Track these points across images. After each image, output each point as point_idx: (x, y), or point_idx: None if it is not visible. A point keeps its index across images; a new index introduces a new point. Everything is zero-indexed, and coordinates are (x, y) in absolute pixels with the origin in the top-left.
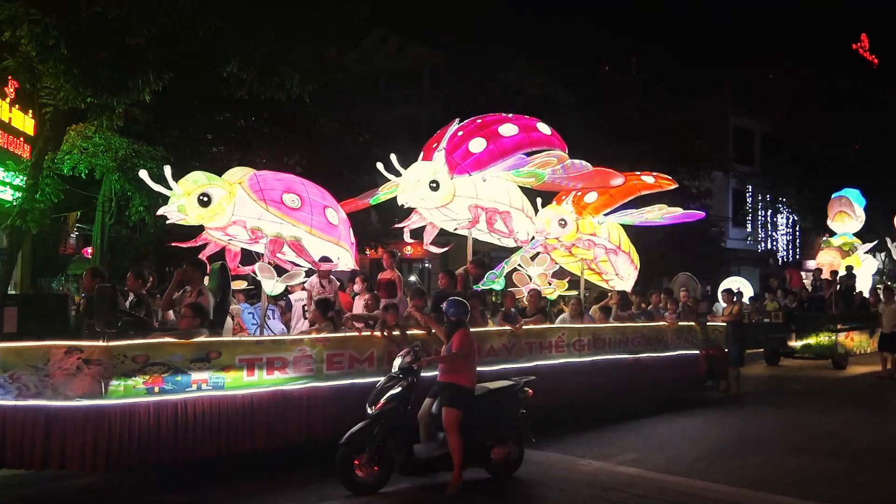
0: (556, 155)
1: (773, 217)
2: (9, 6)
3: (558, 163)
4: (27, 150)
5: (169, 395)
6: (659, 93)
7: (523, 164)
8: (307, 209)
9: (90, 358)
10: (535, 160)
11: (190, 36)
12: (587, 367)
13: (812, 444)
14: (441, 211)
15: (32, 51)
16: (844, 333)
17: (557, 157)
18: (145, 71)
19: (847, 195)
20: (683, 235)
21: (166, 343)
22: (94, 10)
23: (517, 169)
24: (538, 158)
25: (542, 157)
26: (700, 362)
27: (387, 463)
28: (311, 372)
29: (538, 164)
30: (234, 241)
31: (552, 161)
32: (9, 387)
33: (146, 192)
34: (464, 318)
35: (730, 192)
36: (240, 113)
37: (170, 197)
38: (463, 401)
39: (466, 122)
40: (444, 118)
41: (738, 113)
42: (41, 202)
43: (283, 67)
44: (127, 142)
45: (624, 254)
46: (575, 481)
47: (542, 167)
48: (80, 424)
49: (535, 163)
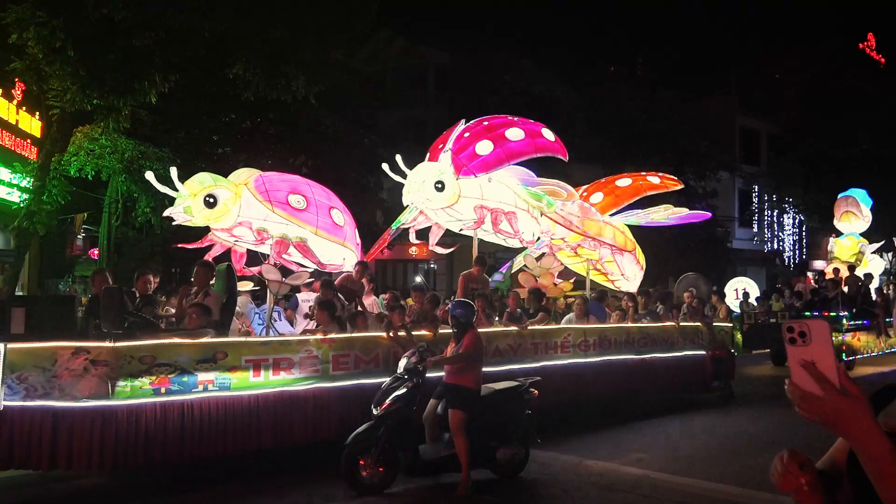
0: (565, 188)
1: (780, 217)
2: (16, 9)
3: (568, 197)
4: (34, 152)
5: (175, 396)
6: (665, 93)
7: (532, 183)
8: (313, 210)
9: (97, 359)
10: (545, 185)
11: (196, 38)
12: (593, 367)
13: (818, 444)
14: (446, 211)
15: (39, 53)
16: (851, 333)
17: (567, 190)
18: (151, 73)
19: (853, 195)
20: (689, 236)
21: (173, 344)
22: (100, 13)
23: (526, 185)
24: (548, 185)
25: (552, 185)
26: (706, 363)
27: (392, 464)
28: (317, 372)
29: (547, 191)
30: (239, 241)
31: (561, 193)
32: (16, 387)
33: (152, 193)
34: (471, 320)
35: (736, 192)
36: (246, 114)
37: (176, 198)
38: (468, 402)
39: (473, 124)
40: (449, 119)
41: (744, 113)
42: (48, 204)
43: (289, 69)
44: (133, 143)
45: (630, 254)
46: (581, 482)
47: (552, 195)
48: (87, 425)
49: (543, 186)
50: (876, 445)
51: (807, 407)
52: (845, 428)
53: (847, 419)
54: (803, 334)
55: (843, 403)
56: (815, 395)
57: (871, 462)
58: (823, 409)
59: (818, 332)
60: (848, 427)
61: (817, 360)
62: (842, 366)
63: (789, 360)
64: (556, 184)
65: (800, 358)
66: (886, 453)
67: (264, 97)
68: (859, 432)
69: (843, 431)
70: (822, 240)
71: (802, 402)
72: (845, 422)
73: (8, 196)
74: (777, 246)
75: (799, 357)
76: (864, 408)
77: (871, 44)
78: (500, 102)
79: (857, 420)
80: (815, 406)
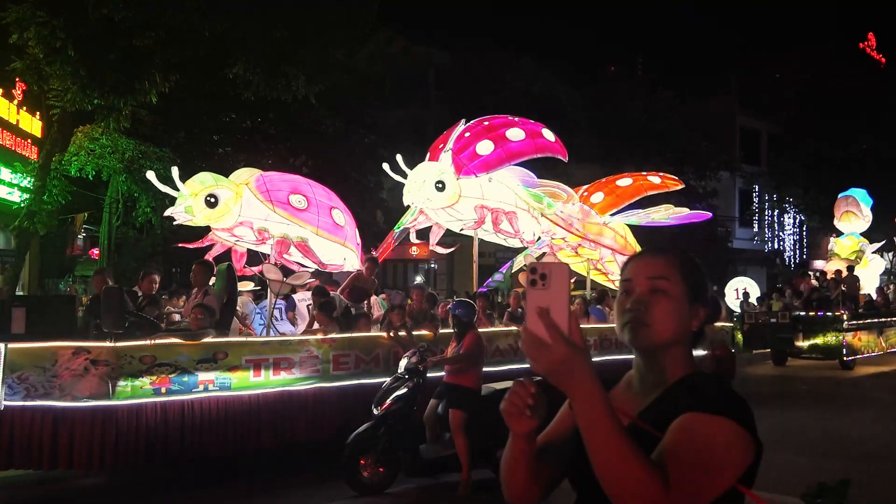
0: (565, 190)
1: (780, 217)
2: (16, 9)
3: (568, 199)
4: (35, 152)
5: (176, 396)
6: (665, 93)
7: (532, 184)
8: (313, 210)
9: (97, 358)
10: (545, 186)
11: (197, 38)
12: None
13: (819, 444)
14: (447, 211)
15: (40, 53)
16: (852, 333)
17: (567, 192)
18: (152, 73)
19: (854, 195)
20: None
21: (173, 344)
22: (101, 13)
23: (526, 187)
24: (548, 186)
25: (552, 187)
26: (706, 363)
27: (392, 463)
28: (318, 372)
29: (547, 192)
30: (240, 241)
31: (561, 195)
32: (17, 387)
33: (153, 193)
34: (472, 320)
35: (736, 192)
36: (246, 114)
37: (177, 198)
38: (469, 402)
39: (473, 123)
40: (449, 119)
41: (744, 113)
42: (49, 204)
43: (290, 69)
44: (134, 143)
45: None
46: None
47: (552, 197)
48: (87, 425)
49: (544, 188)
50: (593, 398)
51: (534, 354)
52: (567, 379)
53: (568, 370)
54: (544, 277)
55: (568, 354)
56: (544, 343)
57: (584, 416)
58: (549, 359)
59: (558, 276)
60: (570, 379)
61: (552, 306)
62: (574, 314)
63: (527, 305)
64: (557, 185)
65: (536, 303)
66: (600, 406)
67: (264, 97)
68: (579, 385)
69: (564, 382)
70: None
71: (530, 350)
72: (566, 373)
73: (8, 196)
74: (777, 246)
75: (536, 302)
76: (585, 360)
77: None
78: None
79: (577, 372)
80: (541, 354)
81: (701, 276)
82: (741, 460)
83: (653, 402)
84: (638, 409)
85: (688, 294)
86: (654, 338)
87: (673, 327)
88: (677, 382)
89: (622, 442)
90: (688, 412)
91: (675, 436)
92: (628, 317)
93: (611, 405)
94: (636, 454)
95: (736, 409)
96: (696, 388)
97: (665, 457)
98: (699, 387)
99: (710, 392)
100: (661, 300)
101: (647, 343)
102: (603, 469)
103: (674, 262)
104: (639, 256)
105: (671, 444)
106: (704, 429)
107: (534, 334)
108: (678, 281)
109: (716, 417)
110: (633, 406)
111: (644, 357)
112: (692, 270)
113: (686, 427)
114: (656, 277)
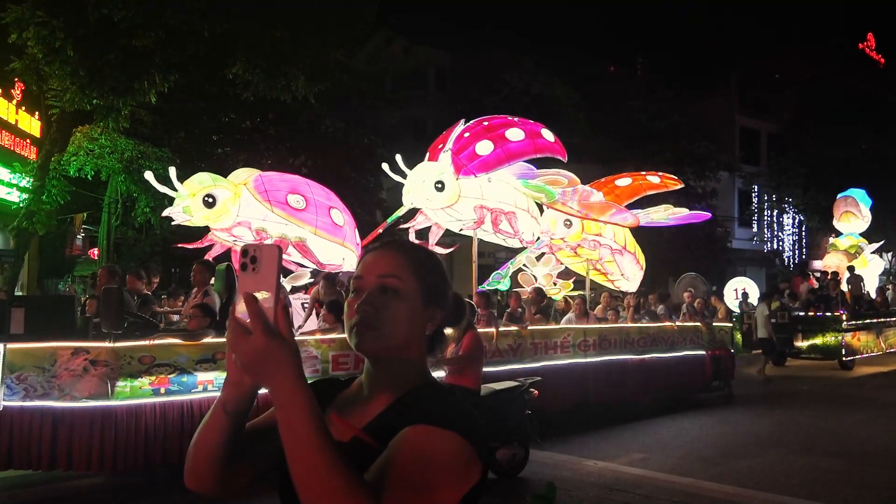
0: (566, 175)
1: (780, 217)
2: (16, 8)
3: (569, 184)
4: (34, 152)
5: (175, 396)
6: (665, 93)
7: (532, 176)
8: (312, 210)
9: (97, 359)
10: (545, 176)
11: (196, 38)
12: (593, 367)
13: (819, 444)
14: (446, 211)
15: (39, 53)
16: (851, 333)
17: (568, 178)
18: (151, 73)
19: (853, 195)
20: (689, 236)
21: (172, 344)
22: (100, 12)
23: (526, 179)
24: (548, 175)
25: (552, 175)
26: (706, 363)
27: None
28: (317, 373)
29: (548, 181)
30: (239, 241)
31: (562, 181)
32: (16, 388)
33: (152, 193)
34: (472, 320)
35: (736, 192)
36: (245, 114)
37: (175, 198)
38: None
39: (473, 123)
40: (449, 119)
41: (744, 113)
42: (48, 204)
43: (289, 69)
44: (133, 143)
45: (630, 254)
46: (580, 482)
47: (552, 185)
48: (86, 425)
49: (544, 178)
50: (294, 400)
51: (234, 344)
52: (267, 376)
53: (269, 365)
54: (255, 260)
55: (268, 345)
56: (248, 331)
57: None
58: (247, 350)
59: (268, 259)
60: (271, 376)
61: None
62: (281, 301)
63: (238, 290)
64: (557, 172)
65: (245, 288)
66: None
67: (264, 97)
68: (281, 384)
69: (264, 379)
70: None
71: (231, 339)
72: (266, 367)
73: (8, 196)
74: (777, 246)
75: (245, 287)
76: (289, 355)
77: (871, 44)
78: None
79: (279, 367)
80: (241, 345)
81: (438, 273)
82: (464, 478)
83: (381, 412)
84: (366, 419)
85: (422, 294)
86: (382, 343)
87: (403, 332)
88: (408, 393)
89: (325, 453)
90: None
91: (393, 449)
92: (355, 319)
93: (317, 410)
94: (340, 469)
95: (464, 424)
96: (425, 398)
97: (381, 472)
98: (430, 398)
99: (439, 404)
100: (390, 301)
101: (375, 348)
102: (300, 482)
103: (406, 257)
104: (370, 251)
105: (388, 458)
106: (426, 442)
107: (240, 322)
108: (410, 280)
109: (441, 430)
110: (360, 416)
111: (373, 363)
112: (428, 267)
113: (407, 439)
114: (386, 276)
